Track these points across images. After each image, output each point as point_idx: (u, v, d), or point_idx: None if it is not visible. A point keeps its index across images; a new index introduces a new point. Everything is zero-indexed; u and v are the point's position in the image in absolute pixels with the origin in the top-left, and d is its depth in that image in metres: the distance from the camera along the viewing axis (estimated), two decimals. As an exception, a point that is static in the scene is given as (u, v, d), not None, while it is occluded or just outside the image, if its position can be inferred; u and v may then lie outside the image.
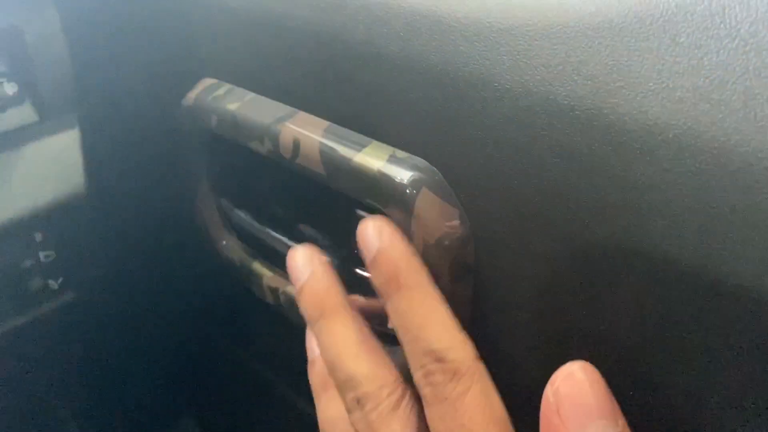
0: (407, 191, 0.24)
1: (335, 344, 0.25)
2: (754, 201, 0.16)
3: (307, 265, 0.27)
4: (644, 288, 0.20)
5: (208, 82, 0.32)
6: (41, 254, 0.35)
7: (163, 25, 0.33)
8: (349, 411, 0.25)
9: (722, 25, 0.17)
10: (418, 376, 0.23)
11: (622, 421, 0.19)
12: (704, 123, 0.17)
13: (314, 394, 0.27)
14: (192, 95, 0.32)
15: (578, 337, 0.23)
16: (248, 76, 0.31)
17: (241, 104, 0.30)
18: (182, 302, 0.40)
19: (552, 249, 0.22)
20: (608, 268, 0.20)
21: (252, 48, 0.30)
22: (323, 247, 0.31)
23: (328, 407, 0.26)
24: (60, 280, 0.36)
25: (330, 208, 0.30)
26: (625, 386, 0.22)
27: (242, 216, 0.35)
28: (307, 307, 0.26)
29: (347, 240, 0.30)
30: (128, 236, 0.37)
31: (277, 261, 0.33)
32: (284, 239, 0.33)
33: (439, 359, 0.22)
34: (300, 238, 0.32)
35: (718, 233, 0.17)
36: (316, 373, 0.27)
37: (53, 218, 0.35)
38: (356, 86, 0.26)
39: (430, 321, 0.23)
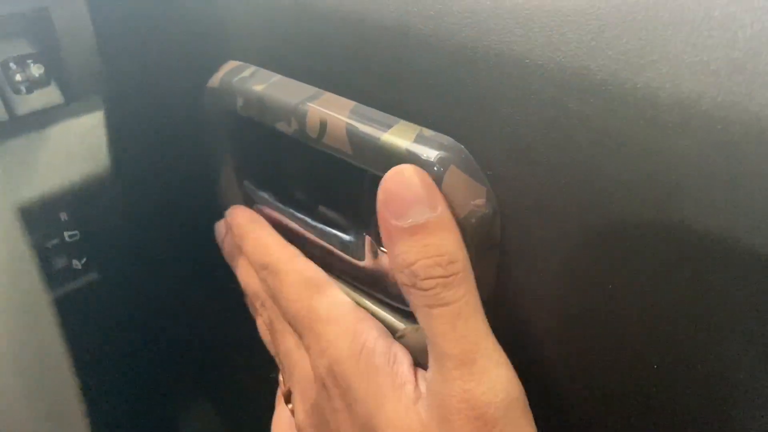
0: (435, 169, 0.24)
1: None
2: (788, 171, 0.17)
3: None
4: (675, 262, 0.20)
5: (233, 64, 0.33)
6: (66, 234, 0.36)
7: (189, 8, 0.34)
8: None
9: (757, -2, 0.17)
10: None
11: (441, 208, 0.22)
12: (738, 94, 0.17)
13: (229, 259, 0.34)
14: (217, 77, 0.32)
15: (603, 313, 0.23)
16: (274, 57, 0.31)
17: (267, 85, 0.30)
18: (203, 281, 0.40)
19: (580, 226, 0.22)
20: (638, 243, 0.21)
21: (277, 30, 0.30)
22: (346, 228, 0.32)
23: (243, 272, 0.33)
24: (84, 259, 0.37)
25: (354, 188, 0.31)
26: (649, 363, 0.23)
27: (265, 197, 0.35)
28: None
29: (372, 218, 0.30)
30: (151, 217, 0.37)
31: (299, 241, 0.34)
32: (308, 219, 0.33)
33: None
34: (323, 219, 0.33)
35: (751, 205, 0.18)
36: (228, 243, 0.34)
37: (78, 199, 0.35)
38: (383, 66, 0.26)
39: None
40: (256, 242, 0.32)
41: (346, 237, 0.31)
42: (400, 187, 0.22)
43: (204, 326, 0.39)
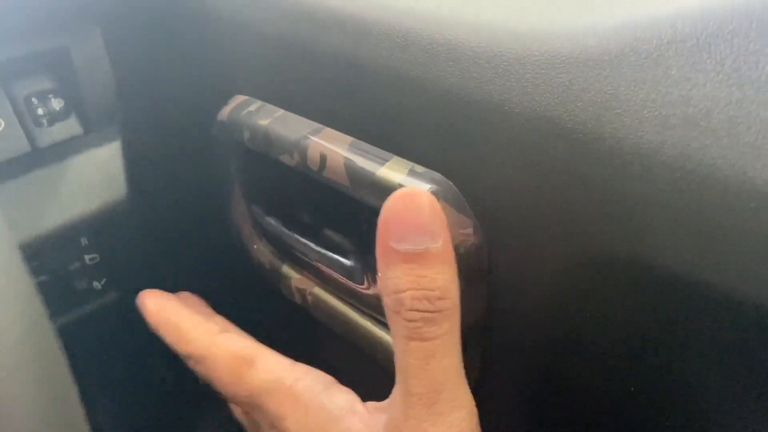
0: (425, 203, 0.26)
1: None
2: (737, 219, 0.18)
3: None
4: (643, 294, 0.22)
5: (240, 98, 0.35)
6: (86, 257, 0.38)
7: (200, 46, 0.36)
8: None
9: (709, 60, 0.18)
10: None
11: (443, 240, 0.21)
12: (694, 147, 0.19)
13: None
14: (226, 111, 0.34)
15: (585, 340, 0.25)
16: (278, 94, 0.33)
17: (272, 120, 0.32)
18: (216, 302, 0.42)
19: (559, 258, 0.24)
20: (610, 276, 0.22)
21: (282, 69, 0.32)
22: (347, 253, 0.34)
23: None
24: (103, 281, 0.39)
25: (353, 216, 0.32)
26: (626, 385, 0.24)
27: (272, 222, 0.37)
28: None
29: (370, 246, 0.32)
30: (167, 241, 0.39)
31: (305, 264, 0.36)
32: (311, 244, 0.35)
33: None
34: (325, 244, 0.34)
35: (707, 247, 0.19)
36: None
37: (98, 224, 0.37)
38: (378, 106, 0.28)
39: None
40: (173, 330, 0.30)
41: (347, 262, 0.33)
42: (406, 210, 0.21)
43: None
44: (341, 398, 0.25)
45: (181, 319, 0.31)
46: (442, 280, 0.21)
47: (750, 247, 0.18)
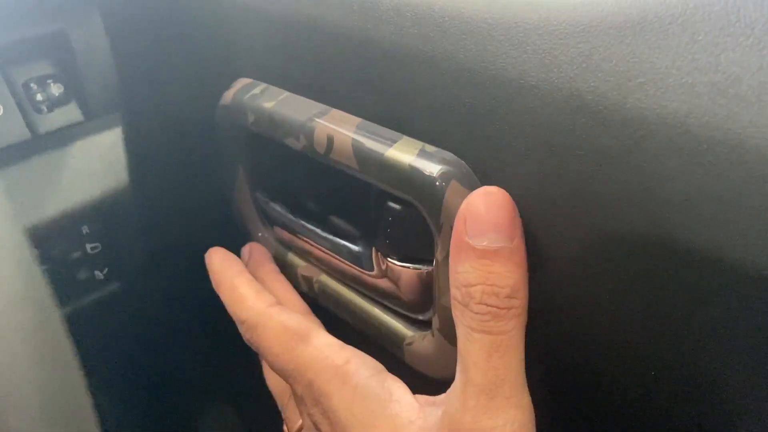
0: (437, 184, 0.25)
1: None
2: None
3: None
4: (667, 276, 0.21)
5: (244, 81, 0.34)
6: (88, 246, 0.37)
7: (201, 28, 0.35)
8: None
9: (738, 24, 0.18)
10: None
11: (518, 241, 0.22)
12: (721, 117, 0.18)
13: None
14: (229, 94, 0.34)
15: (603, 325, 0.24)
16: (283, 75, 0.32)
17: (277, 102, 0.31)
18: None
19: (577, 239, 0.23)
20: (632, 257, 0.21)
21: (286, 49, 0.31)
22: (355, 238, 0.33)
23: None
24: (105, 270, 0.38)
25: (361, 201, 0.32)
26: (646, 374, 0.23)
27: (277, 209, 0.36)
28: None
29: (378, 231, 0.31)
30: (169, 229, 0.39)
31: (311, 251, 0.35)
32: (318, 230, 0.34)
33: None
34: (332, 230, 0.34)
35: (734, 223, 0.18)
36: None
37: (99, 213, 0.37)
38: (387, 84, 0.27)
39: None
40: (231, 293, 0.31)
41: (355, 248, 0.32)
42: (486, 208, 0.22)
43: (225, 332, 0.41)
44: (391, 385, 0.25)
45: (240, 283, 0.31)
46: (513, 279, 0.22)
47: None
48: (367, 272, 0.32)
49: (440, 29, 0.24)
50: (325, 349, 0.27)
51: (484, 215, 0.22)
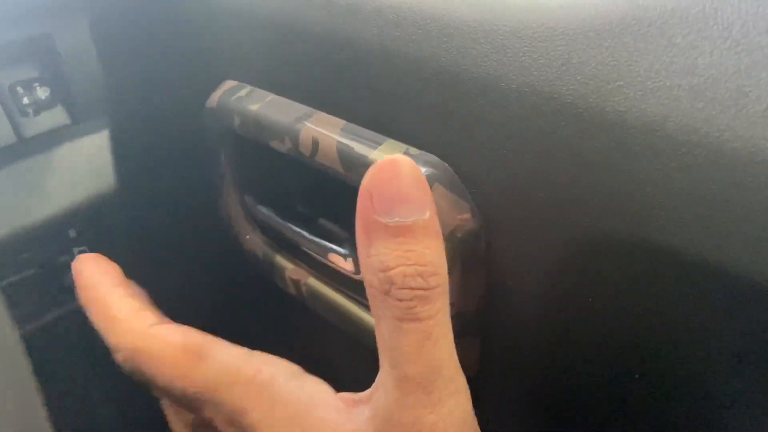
0: (421, 186, 0.25)
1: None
2: (746, 194, 0.17)
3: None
4: (648, 277, 0.21)
5: (230, 84, 0.34)
6: (75, 250, 0.37)
7: (187, 30, 0.35)
8: None
9: (715, 27, 0.18)
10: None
11: (431, 211, 0.20)
12: (699, 120, 0.18)
13: None
14: (215, 97, 0.34)
15: (587, 326, 0.24)
16: (268, 77, 0.32)
17: (262, 105, 0.31)
18: (209, 293, 0.41)
19: (560, 241, 0.23)
20: (613, 259, 0.21)
21: (271, 51, 0.31)
22: (342, 241, 0.33)
23: None
24: (93, 274, 0.38)
25: (349, 203, 0.32)
26: (630, 372, 0.23)
27: (264, 211, 0.36)
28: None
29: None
30: (157, 232, 0.38)
31: (299, 254, 0.35)
32: (305, 233, 0.34)
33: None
34: (320, 232, 0.34)
35: (714, 224, 0.18)
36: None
37: (86, 216, 0.36)
38: (371, 87, 0.27)
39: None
40: (104, 314, 0.26)
41: (342, 250, 0.32)
42: (392, 180, 0.19)
43: (210, 332, 0.40)
44: (312, 387, 0.23)
45: (113, 302, 0.26)
46: (433, 254, 0.20)
47: (763, 223, 0.17)
48: (354, 274, 0.32)
49: (422, 31, 0.24)
50: (230, 362, 0.24)
51: (391, 187, 0.19)
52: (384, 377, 0.21)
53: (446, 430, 0.20)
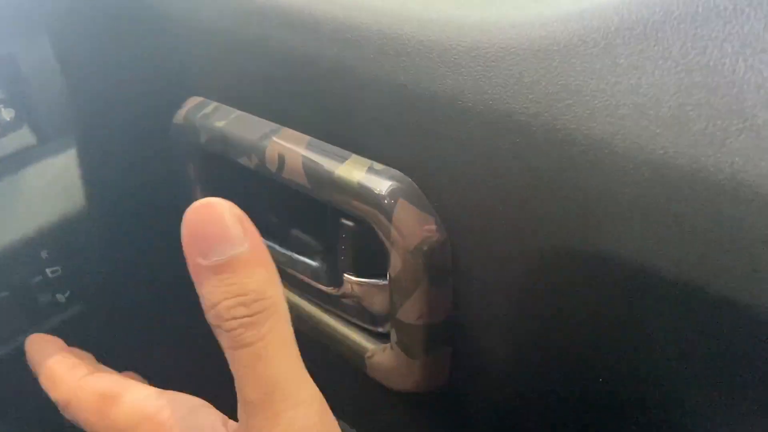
0: (385, 201, 0.26)
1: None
2: (693, 208, 0.18)
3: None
4: (604, 286, 0.21)
5: (195, 100, 0.34)
6: (48, 270, 0.37)
7: (150, 48, 0.35)
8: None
9: (656, 47, 0.18)
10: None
11: (249, 243, 0.20)
12: (645, 137, 0.18)
13: None
14: (181, 114, 0.34)
15: (552, 334, 0.24)
16: (232, 94, 0.32)
17: (228, 122, 0.32)
18: (185, 309, 0.41)
19: (520, 253, 0.23)
20: (571, 269, 0.22)
21: (234, 68, 0.31)
22: (313, 254, 0.33)
23: None
24: (67, 293, 0.38)
25: (318, 217, 0.32)
26: (594, 373, 0.24)
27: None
28: None
29: (335, 245, 0.31)
30: (129, 249, 0.38)
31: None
32: (277, 247, 0.34)
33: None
34: (291, 246, 0.34)
35: (663, 237, 0.19)
36: None
37: (57, 236, 0.36)
38: (333, 103, 0.27)
39: None
40: (45, 375, 0.29)
41: (313, 263, 0.33)
42: (205, 223, 0.20)
43: (195, 352, 0.41)
44: (204, 420, 0.25)
45: (52, 363, 0.29)
46: (255, 282, 0.21)
47: (706, 236, 0.18)
48: (326, 287, 0.32)
49: (379, 50, 0.25)
50: (138, 403, 0.26)
51: (205, 229, 0.20)
52: (239, 407, 0.22)
53: None
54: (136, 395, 0.26)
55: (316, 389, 0.22)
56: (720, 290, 0.18)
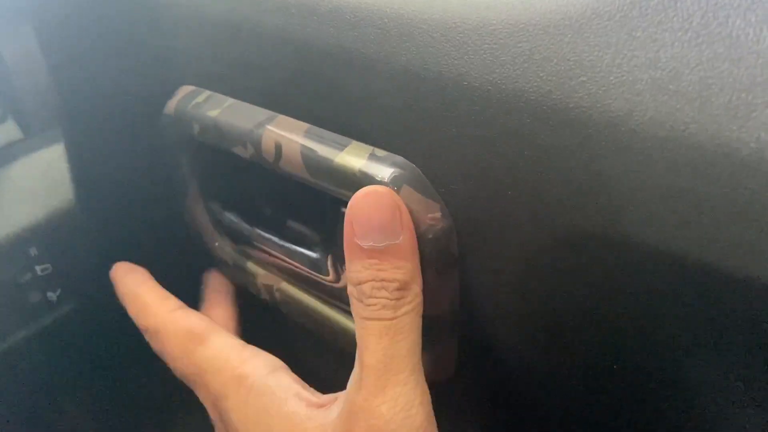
0: (388, 189, 0.25)
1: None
2: (716, 185, 0.17)
3: None
4: (620, 271, 0.21)
5: (187, 89, 0.33)
6: (38, 268, 0.36)
7: (138, 36, 0.34)
8: None
9: (675, 18, 0.17)
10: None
11: (404, 236, 0.23)
12: (663, 113, 0.18)
13: None
14: (172, 104, 0.32)
15: (563, 322, 0.24)
16: (225, 82, 0.31)
17: (221, 111, 0.30)
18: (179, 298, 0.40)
19: (530, 239, 0.22)
20: (584, 255, 0.21)
21: (226, 54, 0.30)
22: (311, 245, 0.32)
23: None
24: (58, 291, 0.37)
25: (316, 207, 0.31)
26: (604, 364, 0.23)
27: (232, 218, 0.35)
28: None
29: (334, 237, 0.30)
30: (122, 244, 0.37)
31: (269, 259, 0.34)
32: (274, 238, 0.33)
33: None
34: (289, 237, 0.33)
35: (685, 217, 0.18)
36: None
37: (47, 232, 0.35)
38: (332, 88, 0.26)
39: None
40: (134, 302, 0.31)
41: (312, 254, 0.32)
42: (369, 209, 0.23)
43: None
44: (287, 382, 0.26)
45: (143, 292, 0.31)
46: (401, 273, 0.23)
47: (729, 215, 0.17)
48: (325, 278, 0.31)
49: (380, 31, 0.24)
50: (223, 350, 0.27)
51: (367, 217, 0.23)
52: (353, 372, 0.24)
53: (394, 414, 0.22)
54: (222, 341, 0.28)
55: (424, 381, 0.24)
56: (745, 272, 0.17)
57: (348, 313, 0.31)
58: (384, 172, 0.25)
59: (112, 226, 0.37)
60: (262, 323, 0.39)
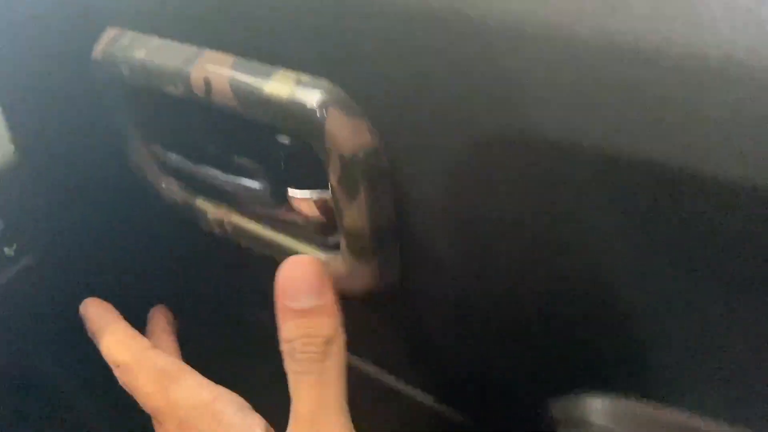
0: (317, 114, 0.26)
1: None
2: (608, 77, 0.18)
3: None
4: (537, 168, 0.22)
5: (112, 31, 0.32)
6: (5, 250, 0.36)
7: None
8: None
9: None
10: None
11: (327, 297, 0.27)
12: (551, 15, 0.19)
13: None
14: (99, 48, 0.32)
15: (493, 221, 0.25)
16: (150, 20, 0.31)
17: (148, 51, 0.31)
18: (135, 248, 0.41)
19: (452, 147, 0.24)
20: (504, 156, 0.23)
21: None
22: (254, 174, 0.33)
23: None
24: (14, 246, 0.37)
25: (255, 137, 0.32)
26: (531, 267, 0.25)
27: (176, 157, 0.36)
28: None
29: (275, 164, 0.31)
30: (70, 194, 0.38)
31: (217, 194, 0.35)
32: (218, 173, 0.34)
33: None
34: (233, 170, 0.34)
35: (589, 112, 0.20)
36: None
37: None
38: (253, 17, 0.27)
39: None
40: (109, 338, 0.33)
41: (256, 184, 0.33)
42: (296, 276, 0.27)
43: (145, 286, 0.41)
44: (252, 421, 0.28)
45: (117, 329, 0.33)
46: (326, 329, 0.26)
47: (631, 105, 0.18)
48: (271, 206, 0.33)
49: None
50: (195, 387, 0.30)
51: (295, 282, 0.26)
52: (289, 423, 0.27)
53: None
54: (194, 380, 0.31)
55: (351, 424, 0.27)
56: (644, 154, 0.19)
57: (297, 236, 0.33)
58: (311, 97, 0.26)
59: (58, 178, 0.37)
60: (217, 257, 0.40)
